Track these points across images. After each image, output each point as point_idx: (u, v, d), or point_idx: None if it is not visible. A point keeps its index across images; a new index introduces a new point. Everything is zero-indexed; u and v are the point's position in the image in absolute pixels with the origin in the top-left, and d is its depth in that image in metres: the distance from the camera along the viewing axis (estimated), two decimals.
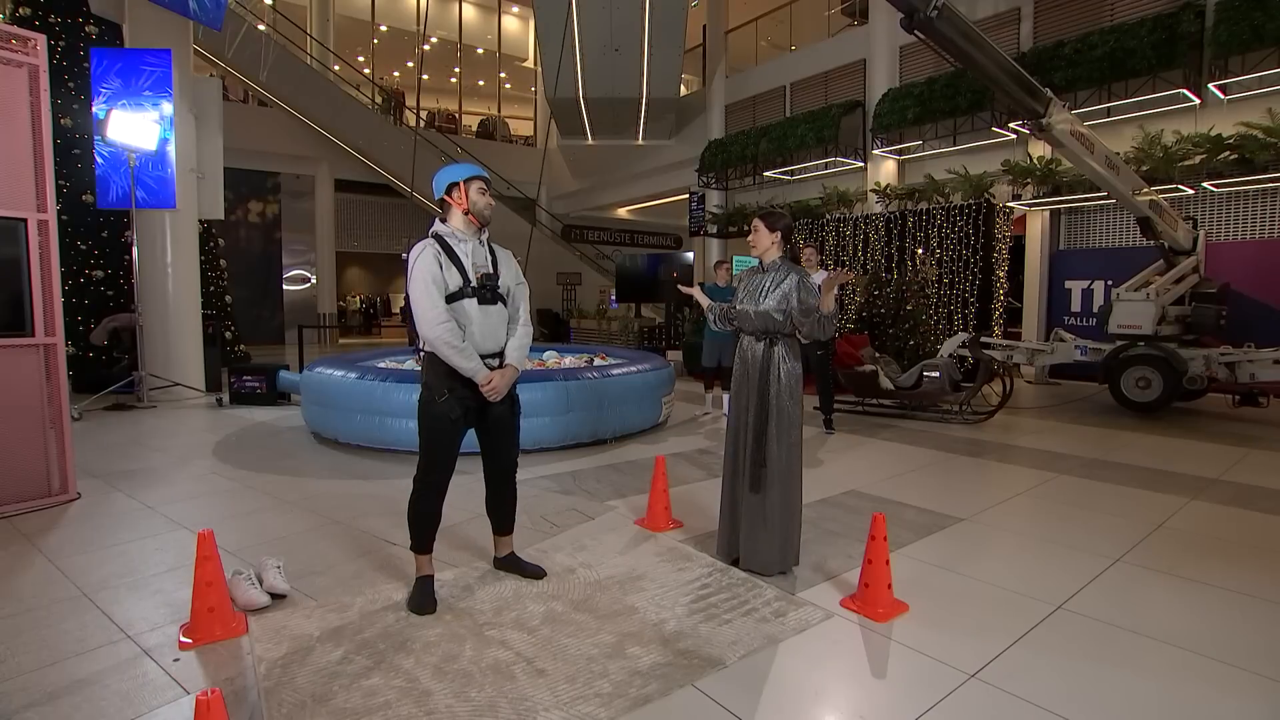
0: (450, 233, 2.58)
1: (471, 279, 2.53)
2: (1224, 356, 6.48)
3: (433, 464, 2.56)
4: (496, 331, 2.60)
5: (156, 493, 4.00)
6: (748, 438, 2.82)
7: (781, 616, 2.47)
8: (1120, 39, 8.05)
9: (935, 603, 2.61)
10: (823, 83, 12.55)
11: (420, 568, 2.62)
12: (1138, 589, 2.75)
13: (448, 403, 2.52)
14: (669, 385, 6.14)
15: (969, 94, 9.39)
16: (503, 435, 2.71)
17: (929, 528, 3.47)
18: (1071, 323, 9.15)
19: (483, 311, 2.55)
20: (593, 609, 2.52)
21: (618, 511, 3.69)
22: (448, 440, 2.56)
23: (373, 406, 4.92)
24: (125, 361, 7.60)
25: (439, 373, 2.53)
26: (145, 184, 6.90)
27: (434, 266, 2.47)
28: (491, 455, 2.74)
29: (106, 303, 8.30)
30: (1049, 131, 5.59)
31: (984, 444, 5.57)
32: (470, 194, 2.59)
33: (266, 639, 2.27)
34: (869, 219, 9.81)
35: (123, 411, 6.65)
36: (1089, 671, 2.13)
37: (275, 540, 3.22)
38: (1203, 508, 3.81)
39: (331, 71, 17.06)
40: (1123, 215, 8.88)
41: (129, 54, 6.91)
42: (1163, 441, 5.63)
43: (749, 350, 2.86)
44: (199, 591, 2.26)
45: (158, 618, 2.43)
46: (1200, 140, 7.58)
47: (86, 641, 2.27)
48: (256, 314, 16.24)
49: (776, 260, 2.88)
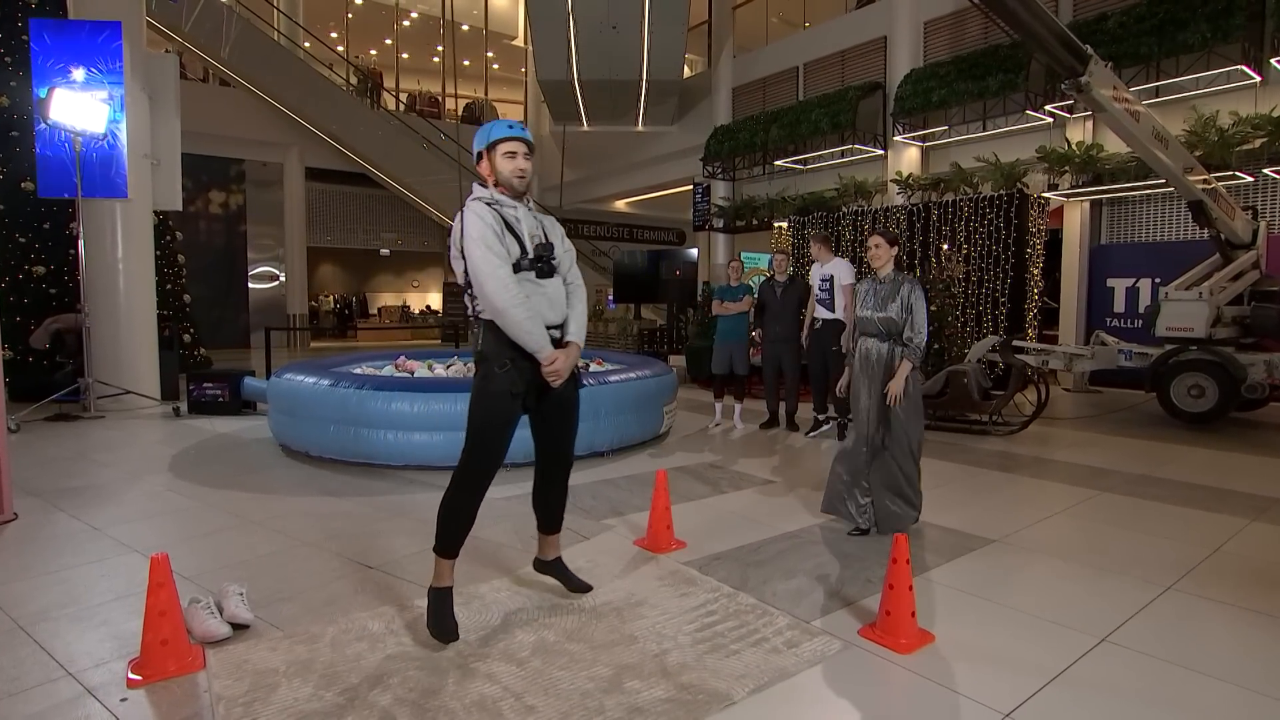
0: (496, 199, 2.54)
1: (529, 249, 2.52)
2: None
3: (481, 452, 2.52)
4: (557, 306, 2.58)
5: (104, 512, 3.98)
6: (871, 424, 3.66)
7: (794, 647, 2.46)
8: (1170, 10, 8.03)
9: (964, 633, 2.59)
10: (839, 63, 12.59)
11: (441, 576, 2.55)
12: (1191, 620, 2.74)
13: (509, 374, 2.49)
14: (671, 393, 6.13)
15: (1000, 73, 9.41)
16: (565, 418, 2.70)
17: (957, 550, 3.46)
18: (1114, 324, 9.16)
19: (540, 285, 2.54)
20: (588, 638, 2.51)
21: (616, 531, 3.69)
22: (502, 421, 2.52)
23: (348, 416, 4.91)
24: (70, 367, 7.60)
25: (500, 342, 2.50)
26: (92, 170, 6.91)
27: (492, 230, 2.45)
28: (551, 440, 2.73)
29: (49, 302, 8.30)
30: (1089, 93, 5.63)
31: (1017, 458, 5.56)
32: (496, 162, 2.53)
33: (226, 674, 2.25)
34: (889, 211, 9.81)
35: (67, 422, 6.64)
36: (1136, 713, 2.12)
37: (238, 564, 3.21)
38: (1264, 530, 3.80)
39: (301, 49, 17.15)
40: (1171, 205, 8.90)
41: (73, 25, 6.93)
42: (1218, 456, 5.62)
43: (873, 350, 3.67)
44: (151, 622, 2.25)
45: (103, 652, 2.41)
46: (1261, 122, 7.58)
47: (22, 680, 2.25)
48: (218, 315, 16.27)
49: (891, 272, 3.68)
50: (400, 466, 4.90)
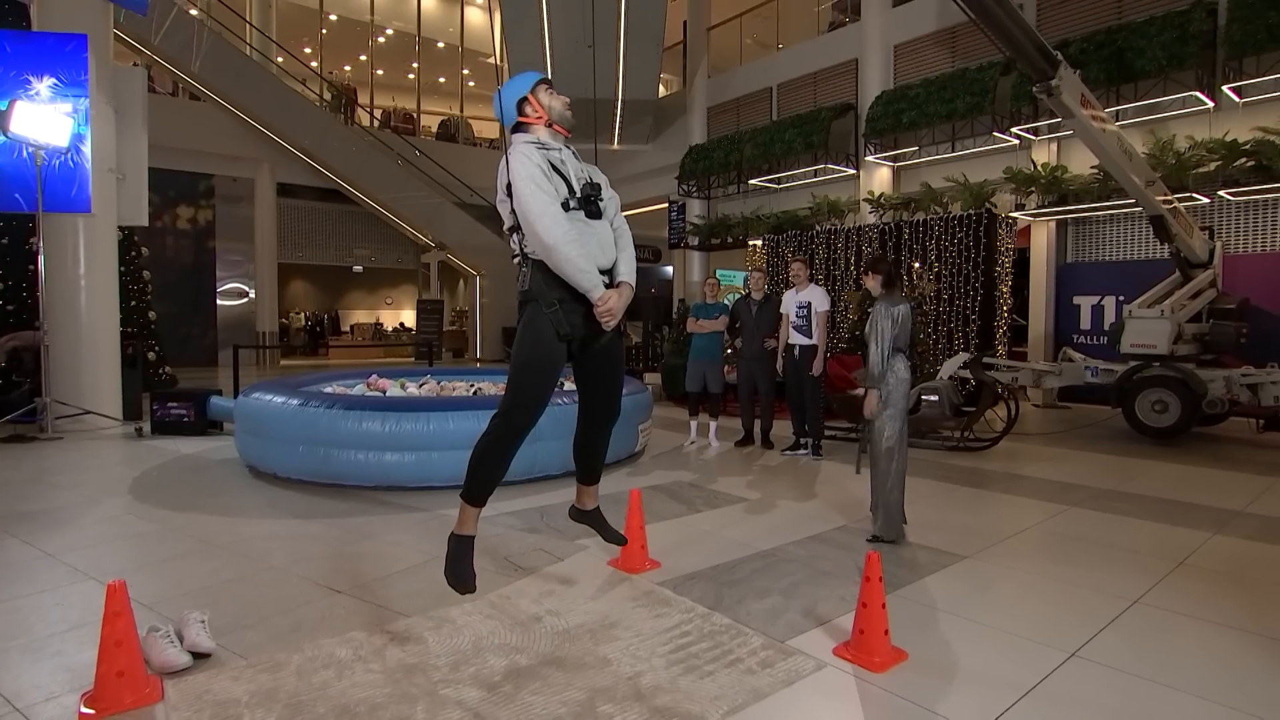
0: (542, 142, 2.55)
1: (576, 189, 2.52)
2: (1246, 378, 6.66)
3: (522, 397, 2.48)
4: (606, 248, 2.57)
5: (60, 538, 3.86)
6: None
7: (769, 667, 2.45)
8: (1128, 38, 8.35)
9: (937, 650, 2.61)
10: (811, 84, 12.83)
11: (465, 524, 2.53)
12: (1159, 634, 2.78)
13: (556, 314, 2.46)
14: (646, 412, 6.13)
15: (967, 96, 9.65)
16: (613, 365, 2.71)
17: (929, 566, 3.49)
18: (1081, 341, 9.36)
19: (590, 226, 2.53)
20: (561, 661, 2.48)
21: (590, 551, 3.66)
22: (547, 363, 2.49)
23: (317, 437, 4.84)
24: (27, 386, 7.39)
25: (549, 282, 2.47)
26: (55, 185, 6.77)
27: (540, 169, 2.44)
28: (598, 390, 2.73)
29: (6, 319, 8.11)
30: (1059, 97, 5.85)
31: (988, 474, 5.63)
32: (546, 101, 2.60)
33: (186, 706, 2.18)
34: (862, 230, 9.98)
35: (22, 444, 6.45)
36: None
37: (200, 590, 3.13)
38: (1227, 543, 3.88)
39: (274, 64, 17.03)
40: (1134, 225, 9.16)
41: (36, 37, 6.82)
42: (1182, 470, 5.75)
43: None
44: (106, 653, 2.17)
45: (54, 685, 2.33)
46: (1215, 146, 7.86)
47: None
48: (185, 332, 15.96)
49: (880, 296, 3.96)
50: (371, 487, 4.83)
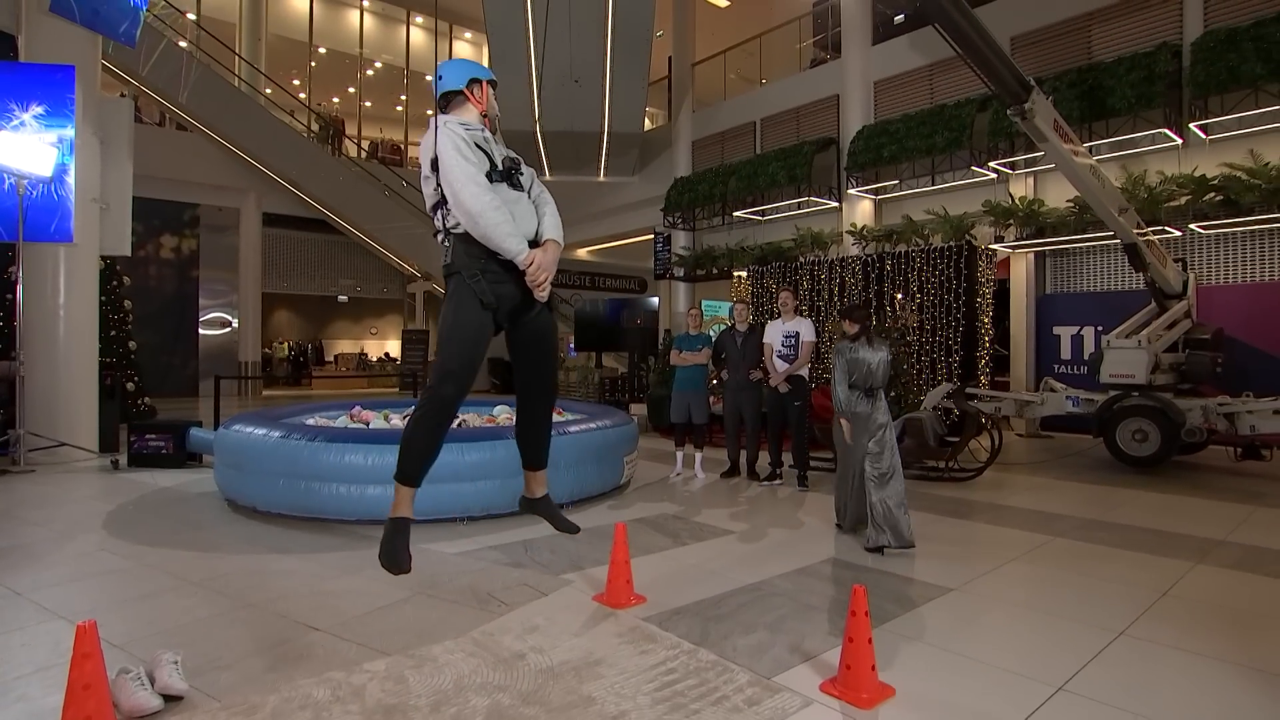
0: (467, 123, 2.64)
1: (498, 163, 2.60)
2: (1222, 407, 6.76)
3: (451, 369, 2.48)
4: (528, 219, 2.62)
5: (29, 575, 3.76)
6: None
7: (755, 705, 2.42)
8: (1099, 77, 8.65)
9: (924, 686, 2.59)
10: (794, 119, 13.09)
11: (400, 506, 2.51)
12: (1144, 666, 2.78)
13: (479, 283, 2.49)
14: (632, 444, 6.11)
15: (945, 131, 9.89)
16: (543, 341, 2.72)
17: (915, 599, 3.48)
18: (1062, 370, 9.49)
19: (514, 196, 2.60)
20: (544, 701, 2.44)
21: (574, 586, 3.61)
22: (472, 335, 2.50)
23: (298, 470, 4.77)
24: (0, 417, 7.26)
25: (472, 253, 2.51)
26: (36, 215, 6.74)
27: (465, 142, 2.52)
28: (531, 367, 2.74)
29: None
30: (1032, 120, 6.03)
31: (973, 504, 5.65)
32: (489, 98, 2.74)
33: None
34: (845, 262, 10.11)
35: None
36: None
37: (174, 629, 3.05)
38: (1209, 573, 3.91)
39: (262, 95, 17.14)
40: (1110, 256, 9.34)
41: (23, 68, 6.83)
42: (1164, 499, 5.79)
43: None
44: (73, 697, 2.11)
45: None
46: (1185, 181, 8.10)
47: None
48: (166, 362, 15.81)
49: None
50: (354, 521, 4.75)
